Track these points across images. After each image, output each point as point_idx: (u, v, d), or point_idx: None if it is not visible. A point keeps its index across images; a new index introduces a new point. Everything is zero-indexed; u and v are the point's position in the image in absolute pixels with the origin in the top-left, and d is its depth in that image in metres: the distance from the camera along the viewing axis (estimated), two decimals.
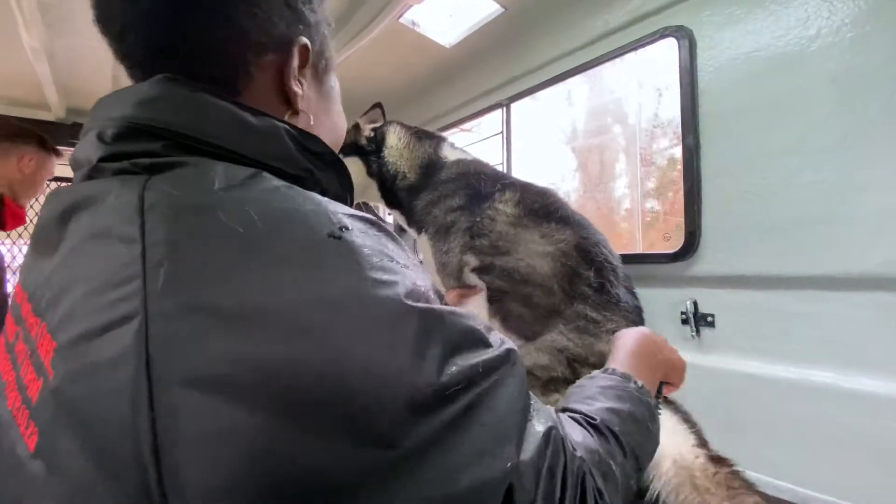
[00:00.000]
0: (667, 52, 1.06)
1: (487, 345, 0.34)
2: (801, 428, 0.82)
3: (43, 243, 0.35)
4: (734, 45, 0.91)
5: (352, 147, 1.21)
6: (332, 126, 0.49)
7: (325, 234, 0.30)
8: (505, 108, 1.45)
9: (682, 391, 0.96)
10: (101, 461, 0.26)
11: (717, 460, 0.72)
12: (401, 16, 1.29)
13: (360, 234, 0.32)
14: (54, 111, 1.96)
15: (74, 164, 0.38)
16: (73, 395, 0.27)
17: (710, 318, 0.97)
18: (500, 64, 1.44)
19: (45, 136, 1.36)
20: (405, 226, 1.25)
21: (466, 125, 1.68)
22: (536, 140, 1.52)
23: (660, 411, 0.53)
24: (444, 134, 1.26)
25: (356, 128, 1.22)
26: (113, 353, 0.26)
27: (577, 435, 0.39)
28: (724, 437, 0.82)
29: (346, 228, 0.32)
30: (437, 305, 0.33)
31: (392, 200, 1.22)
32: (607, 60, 1.15)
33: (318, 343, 0.27)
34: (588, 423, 0.42)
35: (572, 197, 1.51)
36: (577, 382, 0.52)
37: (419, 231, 1.16)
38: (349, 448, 0.27)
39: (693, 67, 0.97)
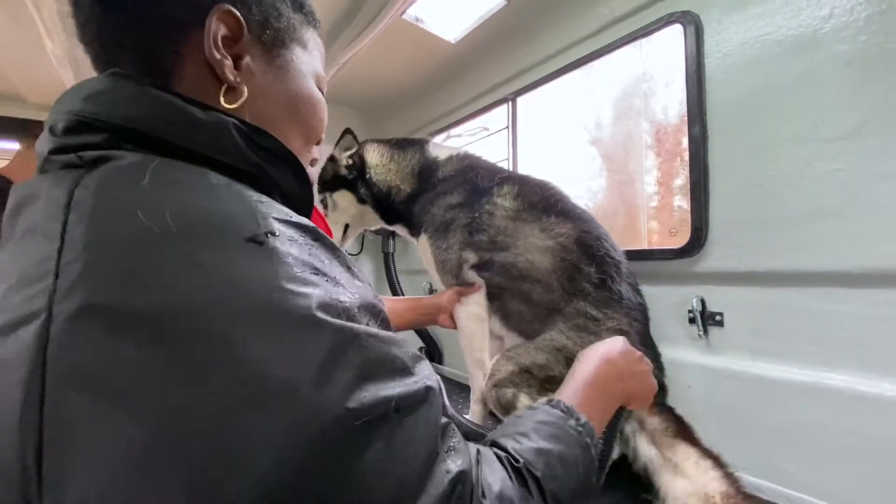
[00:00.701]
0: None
1: (407, 374, 0.33)
2: (816, 434, 0.77)
3: (3, 237, 0.36)
4: (743, 29, 0.86)
5: (335, 180, 1.20)
6: (290, 101, 0.47)
7: (245, 238, 0.29)
8: (511, 103, 1.42)
9: (689, 394, 0.92)
10: None
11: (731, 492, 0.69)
12: (404, 12, 1.28)
13: (286, 242, 0.31)
14: None
15: (37, 157, 0.38)
16: None
17: (718, 317, 0.92)
18: (505, 57, 1.42)
19: None
20: (408, 236, 1.24)
21: (478, 122, 1.65)
22: (554, 136, 1.49)
23: (612, 446, 0.55)
24: (423, 137, 1.24)
25: (332, 160, 1.22)
26: (15, 352, 0.26)
27: (494, 478, 0.36)
28: (732, 443, 0.78)
29: (272, 234, 0.31)
30: (357, 325, 0.31)
31: (391, 217, 1.22)
32: (613, 49, 1.11)
33: (214, 352, 0.26)
34: (511, 464, 0.40)
35: (598, 196, 1.46)
36: (520, 411, 0.50)
37: (418, 233, 1.15)
38: (234, 468, 0.25)
39: (700, 54, 0.93)
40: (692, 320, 0.95)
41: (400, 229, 1.24)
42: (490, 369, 0.99)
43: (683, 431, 0.81)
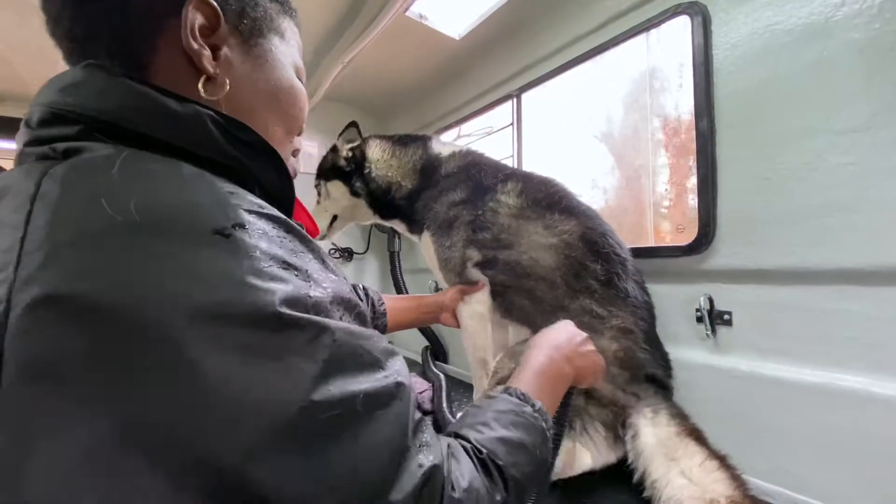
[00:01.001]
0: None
1: (378, 369, 0.34)
2: (827, 437, 0.74)
3: None
4: (752, 19, 0.84)
5: (332, 170, 1.20)
6: (270, 92, 0.47)
7: (211, 231, 0.29)
8: (516, 99, 1.41)
9: (696, 396, 0.90)
10: None
11: (737, 496, 0.67)
12: (407, 9, 1.28)
13: (255, 234, 0.31)
14: None
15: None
16: None
17: (726, 316, 0.90)
18: (510, 53, 1.40)
19: None
20: (406, 232, 1.23)
21: (483, 120, 1.64)
22: (560, 133, 1.47)
23: (564, 426, 0.60)
24: (426, 133, 1.24)
25: (334, 150, 1.23)
26: None
27: (462, 471, 0.38)
28: (740, 445, 0.76)
29: (241, 226, 0.30)
30: (326, 320, 0.31)
31: (388, 212, 1.21)
32: (620, 43, 1.09)
33: (169, 349, 0.26)
34: (476, 455, 0.41)
35: (607, 193, 1.44)
36: (477, 401, 0.52)
37: (420, 230, 1.15)
38: (188, 463, 0.25)
39: (707, 45, 0.90)
40: (700, 319, 0.93)
41: (397, 225, 1.24)
42: (493, 367, 0.98)
43: (691, 431, 0.79)
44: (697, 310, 0.93)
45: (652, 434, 0.78)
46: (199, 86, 0.40)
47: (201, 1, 0.39)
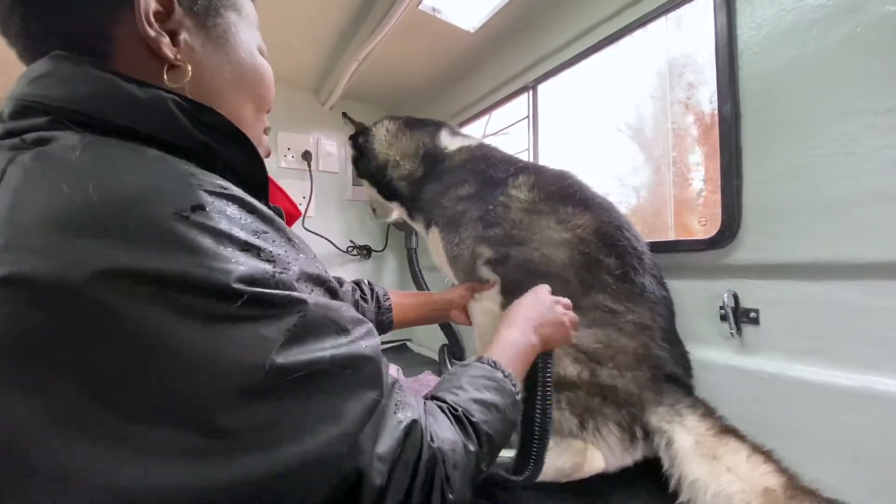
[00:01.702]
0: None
1: (344, 334, 0.36)
2: (862, 445, 0.68)
3: None
4: None
5: (353, 161, 1.28)
6: (235, 72, 0.46)
7: (171, 212, 0.30)
8: (531, 91, 1.37)
9: (719, 398, 0.85)
10: None
11: (792, 486, 0.63)
12: (420, 3, 1.26)
13: (215, 215, 0.32)
14: None
15: None
16: None
17: (753, 314, 0.84)
18: (525, 44, 1.36)
19: None
20: (407, 219, 1.23)
21: (500, 113, 1.61)
22: (578, 125, 1.42)
23: (549, 388, 0.66)
24: (443, 120, 1.22)
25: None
26: None
27: (439, 425, 0.42)
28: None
29: (201, 208, 0.31)
30: (290, 293, 0.33)
31: (387, 192, 1.22)
32: (637, 28, 1.04)
33: (133, 318, 0.27)
34: (451, 412, 0.46)
35: (641, 193, 1.39)
36: (452, 370, 0.56)
37: (428, 225, 1.13)
38: (168, 433, 0.28)
39: (731, 26, 0.84)
40: (724, 317, 0.87)
41: (397, 208, 1.24)
42: None
43: (725, 428, 0.74)
44: (721, 307, 0.87)
45: (686, 438, 0.73)
46: (164, 73, 0.40)
47: None
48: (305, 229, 1.84)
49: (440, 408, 0.45)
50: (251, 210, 0.35)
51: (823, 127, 0.73)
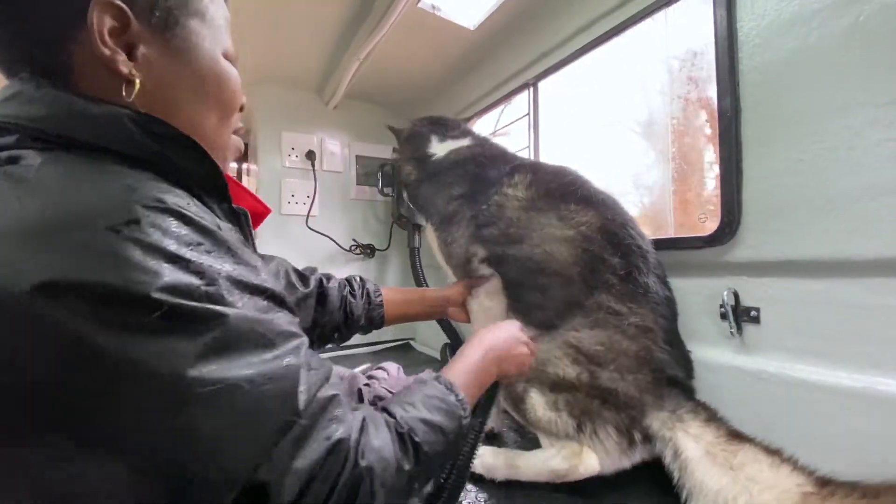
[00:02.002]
0: None
1: (268, 349, 0.37)
2: (866, 448, 0.66)
3: None
4: None
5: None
6: (195, 82, 0.47)
7: (105, 227, 0.32)
8: (532, 89, 1.36)
9: (719, 400, 0.83)
10: None
11: (824, 483, 0.62)
12: (419, 1, 1.26)
13: (147, 228, 0.33)
14: None
15: None
16: None
17: (754, 313, 0.82)
18: (525, 41, 1.36)
19: None
20: (421, 221, 1.25)
21: (502, 110, 1.60)
22: (580, 122, 1.41)
23: (488, 413, 0.67)
24: (438, 126, 1.22)
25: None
26: None
27: (378, 441, 0.42)
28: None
29: (135, 222, 0.33)
30: (214, 306, 0.34)
31: (406, 196, 1.24)
32: (638, 21, 1.03)
33: (60, 332, 0.29)
34: (397, 430, 0.46)
35: (655, 192, 1.37)
36: (412, 383, 0.56)
37: (426, 221, 1.14)
38: (81, 439, 0.30)
39: (731, 18, 0.83)
40: (724, 316, 0.85)
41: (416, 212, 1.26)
42: None
43: (735, 434, 0.72)
44: (721, 306, 0.85)
45: (694, 447, 0.70)
46: (122, 89, 0.41)
47: (104, 3, 0.40)
48: (309, 228, 1.85)
49: (387, 422, 0.46)
50: (187, 222, 0.36)
51: (825, 120, 0.71)
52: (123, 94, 0.41)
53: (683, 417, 0.75)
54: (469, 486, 0.82)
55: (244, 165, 2.58)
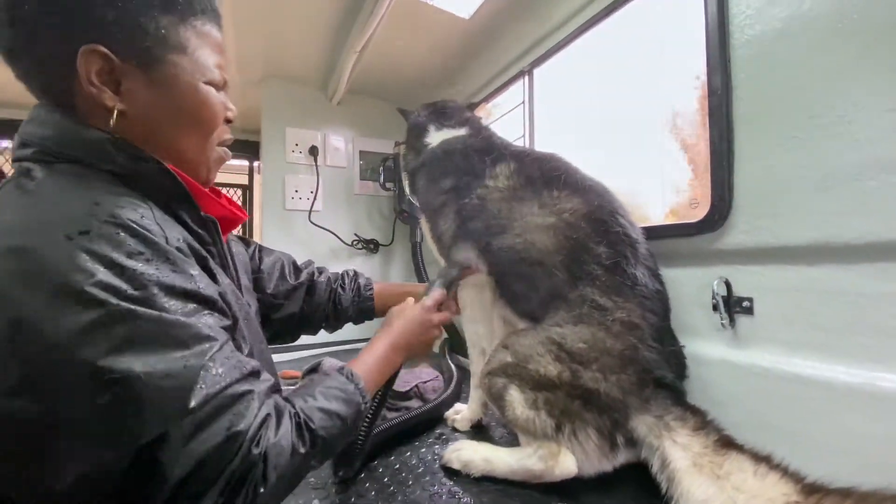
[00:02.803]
0: None
1: (179, 349, 0.42)
2: (865, 447, 0.61)
3: None
4: None
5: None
6: (174, 109, 0.56)
7: (63, 235, 0.41)
8: (527, 76, 1.32)
9: (710, 396, 0.78)
10: None
11: (812, 490, 0.57)
12: None
13: (95, 238, 0.42)
14: None
15: None
16: None
17: (746, 303, 0.76)
18: (520, 28, 1.32)
19: None
20: (417, 213, 1.24)
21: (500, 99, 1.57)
22: (576, 110, 1.37)
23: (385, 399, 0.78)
24: (437, 114, 1.19)
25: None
26: None
27: (278, 431, 0.48)
28: (764, 451, 0.63)
29: (85, 233, 0.42)
30: (134, 306, 0.41)
31: (407, 185, 1.24)
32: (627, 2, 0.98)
33: (19, 312, 0.39)
34: (295, 419, 0.51)
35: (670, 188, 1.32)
36: (314, 377, 0.62)
37: (421, 212, 1.13)
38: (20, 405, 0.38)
39: None
40: (715, 307, 0.80)
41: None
42: (488, 355, 0.92)
43: (724, 440, 0.67)
44: (712, 296, 0.80)
45: (681, 456, 0.66)
46: (112, 117, 0.52)
47: (89, 51, 0.49)
48: (312, 223, 1.86)
49: (289, 412, 0.51)
50: (134, 234, 0.44)
51: (821, 93, 0.65)
52: (112, 123, 0.51)
53: (671, 425, 0.70)
54: (444, 480, 0.80)
55: (255, 164, 2.63)
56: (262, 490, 0.45)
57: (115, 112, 0.52)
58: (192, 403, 0.41)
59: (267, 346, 0.79)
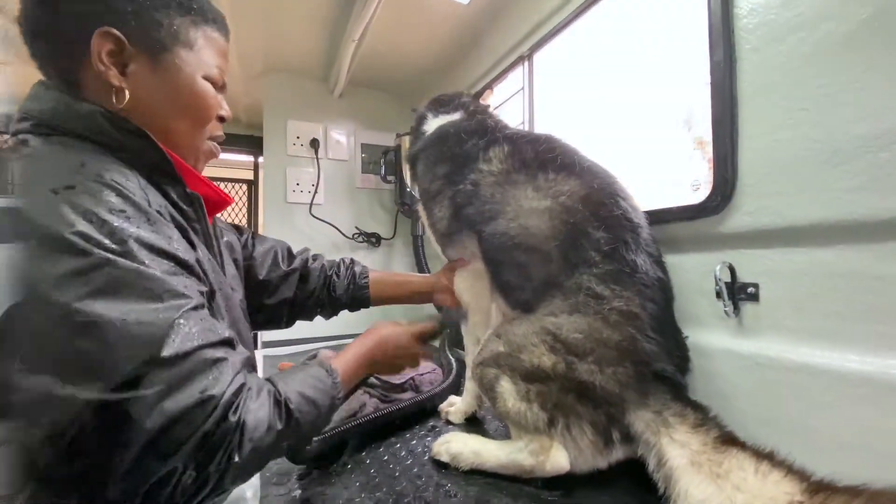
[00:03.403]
0: None
1: (152, 301, 0.44)
2: (878, 440, 0.56)
3: None
4: None
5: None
6: (173, 97, 0.60)
7: (49, 189, 0.44)
8: (527, 61, 1.28)
9: (714, 388, 0.74)
10: None
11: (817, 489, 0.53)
12: None
13: (80, 193, 0.45)
14: None
15: None
16: None
17: (751, 290, 0.72)
18: (519, 12, 1.28)
19: None
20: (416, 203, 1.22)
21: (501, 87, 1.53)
22: (580, 95, 1.32)
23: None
24: (435, 102, 1.16)
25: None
26: None
27: (257, 403, 0.50)
28: (767, 447, 0.59)
29: (70, 188, 0.45)
30: (113, 256, 0.43)
31: (407, 174, 1.23)
32: None
33: (12, 259, 0.41)
34: (275, 397, 0.54)
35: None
36: (297, 366, 0.66)
37: (419, 199, 1.10)
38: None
39: None
40: (718, 294, 0.75)
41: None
42: (481, 345, 0.89)
43: (724, 437, 0.63)
44: (716, 282, 0.75)
45: (679, 454, 0.62)
46: (112, 96, 0.55)
47: (105, 32, 0.54)
48: (313, 216, 1.85)
49: (269, 391, 0.54)
50: (118, 193, 0.47)
51: (829, 59, 0.61)
52: (114, 100, 0.55)
53: (669, 421, 0.66)
54: (432, 472, 0.77)
55: (260, 159, 2.63)
56: (236, 458, 0.46)
57: (115, 90, 0.56)
58: (165, 353, 0.42)
59: (250, 331, 0.78)
